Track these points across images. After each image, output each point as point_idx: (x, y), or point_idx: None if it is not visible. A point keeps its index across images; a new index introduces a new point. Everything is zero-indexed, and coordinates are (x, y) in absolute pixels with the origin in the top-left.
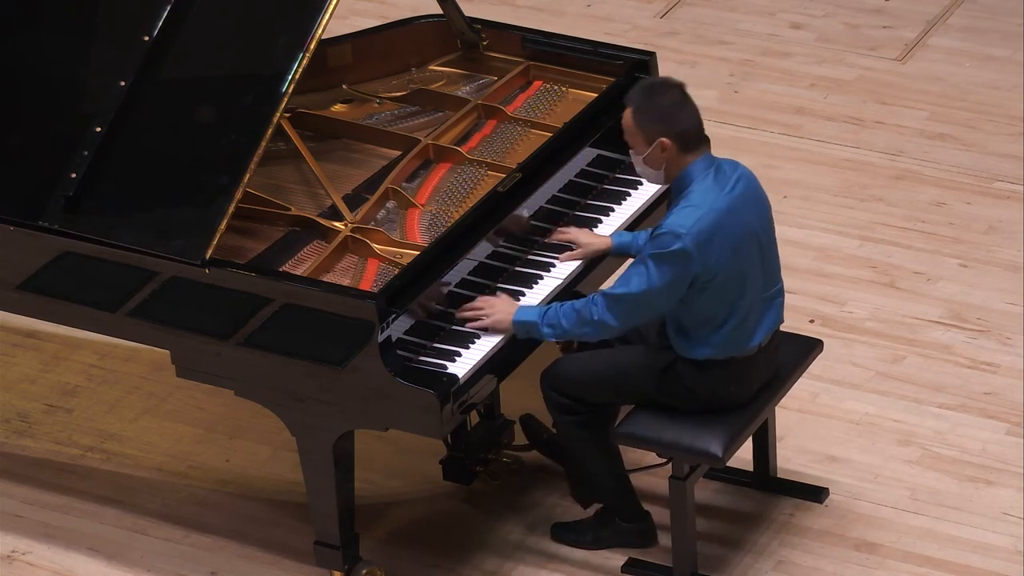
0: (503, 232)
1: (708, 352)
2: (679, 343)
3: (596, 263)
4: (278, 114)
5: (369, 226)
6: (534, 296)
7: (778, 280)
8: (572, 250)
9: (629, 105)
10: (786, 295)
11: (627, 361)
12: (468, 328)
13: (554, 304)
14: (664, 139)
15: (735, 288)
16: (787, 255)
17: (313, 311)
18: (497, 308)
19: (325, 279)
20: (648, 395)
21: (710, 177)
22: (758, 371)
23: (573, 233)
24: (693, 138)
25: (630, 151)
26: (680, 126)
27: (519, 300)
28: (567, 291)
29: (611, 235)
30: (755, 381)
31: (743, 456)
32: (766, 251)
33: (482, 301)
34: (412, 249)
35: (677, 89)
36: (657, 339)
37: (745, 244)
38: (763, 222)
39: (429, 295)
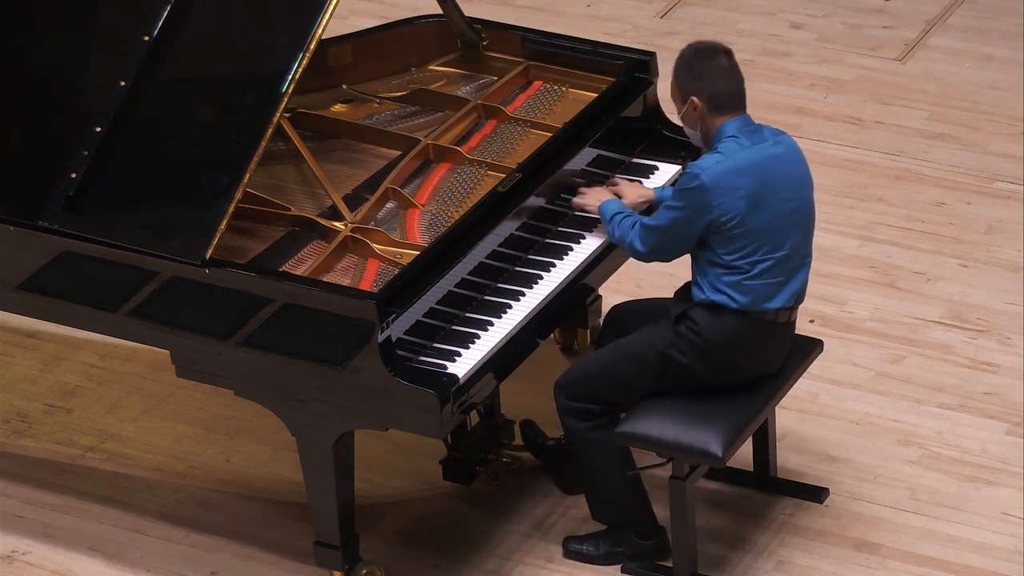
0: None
1: (723, 299)
2: (698, 283)
3: (603, 256)
4: (278, 114)
5: (369, 226)
6: (534, 296)
7: (807, 255)
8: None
9: (677, 61)
10: None
11: (642, 331)
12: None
13: (625, 211)
14: (695, 98)
15: (752, 242)
16: None
17: (313, 311)
18: (593, 196)
19: (325, 279)
20: (661, 355)
21: (742, 135)
22: (769, 342)
23: (621, 186)
24: (725, 101)
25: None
26: (712, 88)
27: (620, 189)
28: (571, 286)
29: (655, 189)
30: (763, 352)
31: (743, 456)
32: (800, 221)
33: (586, 189)
34: (412, 249)
35: (721, 54)
36: (676, 296)
37: (769, 204)
38: (799, 191)
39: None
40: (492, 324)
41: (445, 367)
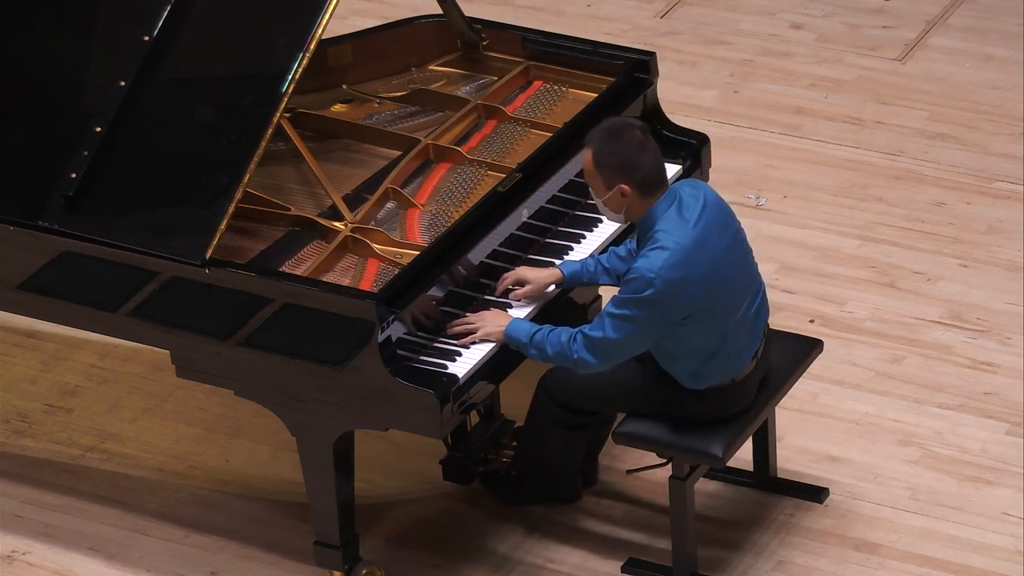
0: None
1: (711, 381)
2: (679, 374)
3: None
4: (278, 114)
5: (369, 226)
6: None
7: (759, 286)
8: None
9: (589, 147)
10: (786, 295)
11: (628, 382)
12: (460, 344)
13: (545, 327)
14: (624, 186)
15: (720, 315)
16: (787, 255)
17: (313, 311)
18: (487, 321)
19: (325, 279)
20: (645, 413)
21: (673, 213)
22: (755, 380)
23: (519, 272)
24: (653, 182)
25: (590, 190)
26: (640, 173)
27: (508, 311)
28: (571, 287)
29: (560, 266)
30: (753, 391)
31: (743, 456)
32: (742, 266)
33: (472, 316)
34: (412, 249)
35: (638, 132)
36: (655, 366)
37: (722, 270)
38: (734, 238)
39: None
40: None
41: (445, 367)
